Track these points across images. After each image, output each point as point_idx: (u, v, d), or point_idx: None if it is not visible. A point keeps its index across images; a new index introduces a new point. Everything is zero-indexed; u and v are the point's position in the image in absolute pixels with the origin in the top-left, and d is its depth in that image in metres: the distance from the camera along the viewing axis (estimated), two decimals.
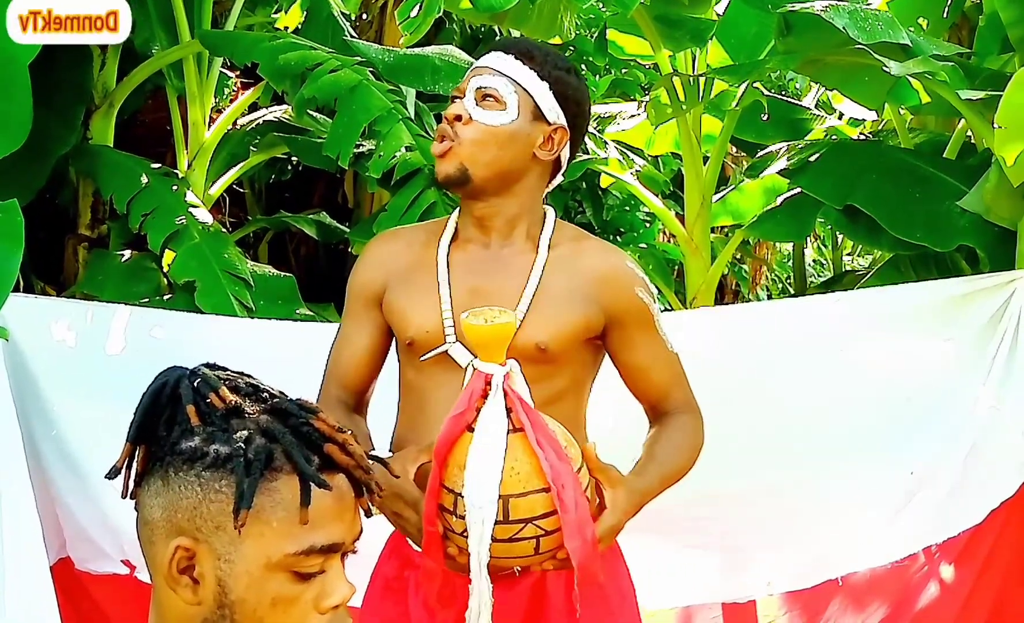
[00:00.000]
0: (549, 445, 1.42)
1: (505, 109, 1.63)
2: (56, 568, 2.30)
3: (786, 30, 2.99)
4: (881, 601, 2.43)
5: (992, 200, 2.74)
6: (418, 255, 1.71)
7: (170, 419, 1.00)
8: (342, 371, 1.74)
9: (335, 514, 0.99)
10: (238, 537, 0.95)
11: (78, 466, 2.34)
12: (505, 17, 3.21)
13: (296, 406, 1.02)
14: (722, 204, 4.38)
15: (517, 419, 1.42)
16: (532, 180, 1.69)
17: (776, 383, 2.48)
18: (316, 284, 4.81)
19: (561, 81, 1.68)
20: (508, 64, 1.65)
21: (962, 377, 2.47)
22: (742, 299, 7.73)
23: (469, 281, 1.66)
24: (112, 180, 3.58)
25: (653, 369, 1.71)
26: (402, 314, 1.68)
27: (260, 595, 0.96)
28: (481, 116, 1.63)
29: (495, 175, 1.65)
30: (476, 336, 1.42)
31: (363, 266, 1.76)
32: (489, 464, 1.40)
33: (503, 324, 1.41)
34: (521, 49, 1.67)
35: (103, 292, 3.41)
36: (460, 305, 1.62)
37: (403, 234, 1.81)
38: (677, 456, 1.69)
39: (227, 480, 0.95)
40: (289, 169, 5.20)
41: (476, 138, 1.63)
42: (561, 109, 1.67)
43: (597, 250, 1.73)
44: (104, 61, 3.79)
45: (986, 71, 3.03)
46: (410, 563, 1.69)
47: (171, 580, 0.97)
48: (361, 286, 1.74)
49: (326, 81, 3.25)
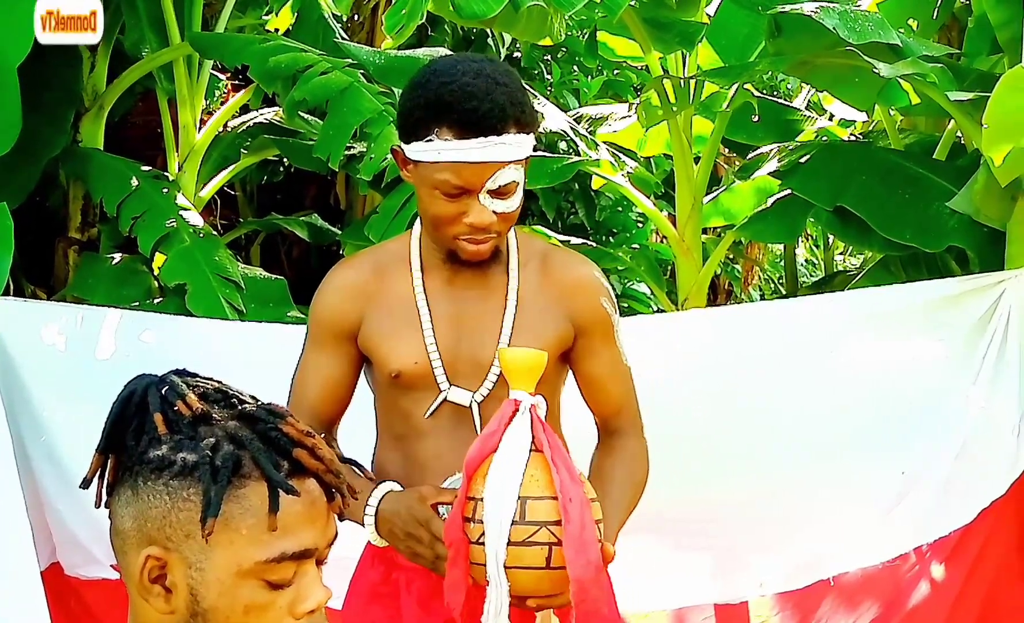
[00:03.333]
0: (564, 467, 1.46)
1: (519, 186, 1.61)
2: (46, 574, 2.29)
3: (776, 32, 2.99)
4: (872, 601, 2.44)
5: (981, 201, 2.75)
6: (390, 284, 1.69)
7: (138, 428, 0.99)
8: (312, 402, 1.69)
9: (306, 520, 0.98)
10: (208, 545, 0.94)
11: (67, 471, 2.33)
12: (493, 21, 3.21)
13: (265, 411, 1.00)
14: (713, 205, 4.39)
15: (539, 441, 1.47)
16: None
17: (767, 383, 2.49)
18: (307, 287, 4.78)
19: (538, 119, 1.67)
20: (518, 146, 1.56)
21: (952, 377, 2.48)
22: (734, 299, 7.75)
23: (449, 309, 1.66)
24: (102, 183, 3.57)
25: (610, 380, 1.73)
26: (384, 347, 1.66)
27: (232, 603, 0.95)
28: (504, 206, 1.58)
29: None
30: (513, 363, 1.48)
31: (333, 296, 1.70)
32: (510, 469, 1.44)
33: (538, 355, 1.50)
34: (514, 118, 1.55)
35: (93, 295, 3.40)
36: (443, 335, 1.65)
37: (366, 260, 1.74)
38: (633, 494, 1.69)
39: (195, 488, 0.95)
40: (280, 171, 5.20)
41: (508, 224, 1.63)
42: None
43: (563, 261, 1.74)
44: (94, 63, 3.78)
45: (975, 72, 3.04)
46: (396, 566, 1.69)
47: (143, 590, 0.97)
48: (332, 317, 1.69)
49: (317, 83, 3.25)
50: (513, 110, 1.55)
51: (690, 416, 2.37)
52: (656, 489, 1.73)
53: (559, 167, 3.74)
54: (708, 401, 2.45)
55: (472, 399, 1.65)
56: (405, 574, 1.68)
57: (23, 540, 2.18)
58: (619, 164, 4.07)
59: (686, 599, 2.49)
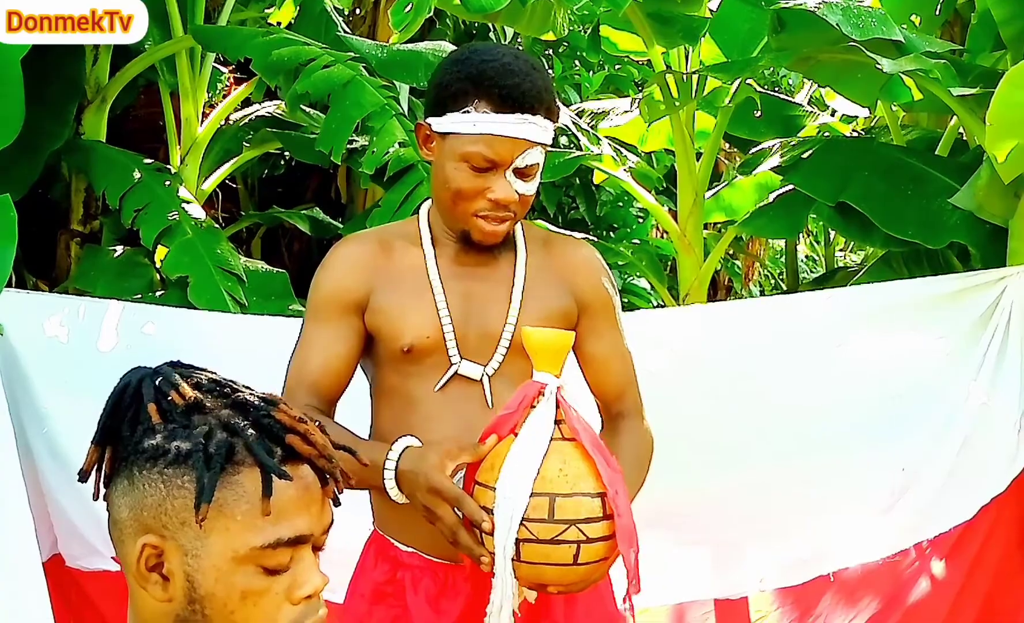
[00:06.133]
0: (602, 455, 1.44)
1: (540, 170, 1.65)
2: (48, 565, 2.29)
3: (779, 27, 2.99)
4: (872, 596, 2.44)
5: (983, 197, 2.75)
6: (398, 259, 1.69)
7: (133, 419, 1.00)
8: (315, 379, 1.65)
9: (301, 505, 0.99)
10: (203, 532, 0.95)
11: (69, 463, 2.34)
12: (499, 15, 3.20)
13: (258, 398, 1.01)
14: (715, 200, 4.39)
15: (570, 428, 1.45)
16: None
17: (768, 379, 2.49)
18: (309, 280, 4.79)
19: (559, 110, 1.70)
20: (547, 130, 1.62)
21: (953, 373, 2.48)
22: (735, 295, 7.75)
23: (460, 285, 1.67)
24: (105, 175, 3.57)
25: (612, 361, 1.75)
26: (395, 320, 1.65)
27: (229, 589, 0.96)
28: (525, 188, 1.63)
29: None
30: (539, 343, 1.47)
31: (338, 270, 1.69)
32: (528, 461, 1.41)
33: (565, 334, 1.48)
34: (546, 104, 1.61)
35: (96, 288, 3.40)
36: (455, 309, 1.65)
37: (372, 238, 1.74)
38: (638, 477, 1.68)
39: (189, 476, 0.96)
40: (282, 164, 5.20)
41: (524, 208, 1.66)
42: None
43: (567, 243, 1.80)
44: (96, 56, 3.78)
45: (978, 68, 3.03)
46: (401, 564, 1.68)
47: (141, 578, 0.98)
48: (337, 291, 1.67)
49: (319, 77, 3.25)
50: (546, 95, 1.61)
51: (691, 412, 2.37)
52: (656, 484, 1.73)
53: (560, 161, 3.74)
54: (709, 397, 2.45)
55: (483, 372, 1.65)
56: (411, 572, 1.67)
57: (25, 531, 2.19)
58: (621, 159, 4.07)
59: (686, 594, 2.49)
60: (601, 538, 1.41)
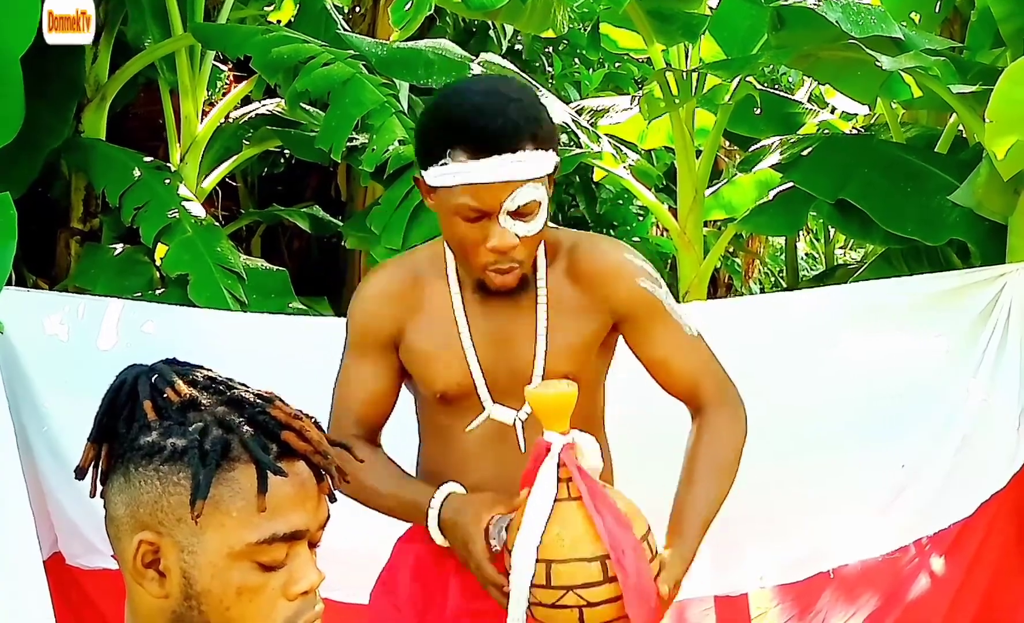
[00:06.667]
0: (608, 512, 1.42)
1: (541, 206, 1.55)
2: (48, 563, 2.30)
3: (779, 25, 2.99)
4: (872, 593, 2.44)
5: (983, 194, 2.75)
6: (429, 295, 1.66)
7: (129, 416, 1.01)
8: (360, 411, 1.68)
9: (296, 501, 0.99)
10: (199, 528, 0.96)
11: (69, 461, 2.33)
12: (499, 13, 3.20)
13: (253, 395, 1.02)
14: (715, 198, 4.38)
15: (574, 488, 1.44)
16: None
17: (768, 377, 2.48)
18: (309, 278, 4.81)
19: (557, 135, 1.63)
20: (536, 163, 1.51)
21: (953, 370, 2.48)
22: (735, 293, 7.75)
23: (487, 325, 1.64)
24: (104, 173, 3.57)
25: (674, 359, 1.68)
26: (426, 365, 1.65)
27: (225, 585, 0.97)
28: (526, 229, 1.53)
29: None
30: (539, 402, 1.45)
31: (371, 303, 1.68)
32: (532, 527, 1.42)
33: (564, 393, 1.44)
34: (534, 131, 1.51)
35: (95, 286, 3.40)
36: (484, 352, 1.63)
37: (404, 268, 1.70)
38: (720, 483, 1.66)
39: (184, 472, 0.96)
40: (282, 162, 5.20)
41: (532, 249, 1.58)
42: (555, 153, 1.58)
43: (594, 249, 1.68)
44: (96, 54, 3.78)
45: (978, 65, 3.03)
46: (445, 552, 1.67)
47: (137, 574, 0.98)
48: (374, 327, 1.67)
49: (319, 74, 3.25)
50: (528, 126, 1.50)
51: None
52: (655, 482, 1.73)
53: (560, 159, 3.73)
54: None
55: (516, 417, 1.63)
56: (453, 562, 1.65)
57: (25, 530, 2.19)
58: (620, 156, 4.07)
59: (686, 592, 2.45)
60: (606, 601, 1.41)
